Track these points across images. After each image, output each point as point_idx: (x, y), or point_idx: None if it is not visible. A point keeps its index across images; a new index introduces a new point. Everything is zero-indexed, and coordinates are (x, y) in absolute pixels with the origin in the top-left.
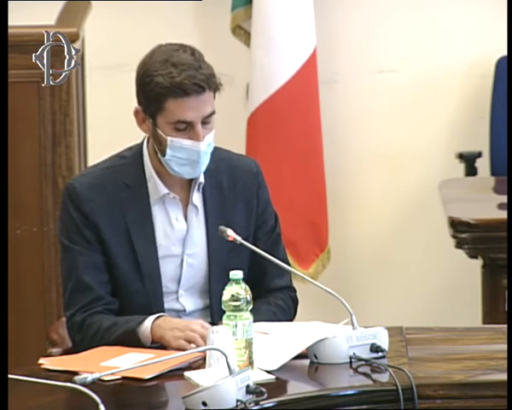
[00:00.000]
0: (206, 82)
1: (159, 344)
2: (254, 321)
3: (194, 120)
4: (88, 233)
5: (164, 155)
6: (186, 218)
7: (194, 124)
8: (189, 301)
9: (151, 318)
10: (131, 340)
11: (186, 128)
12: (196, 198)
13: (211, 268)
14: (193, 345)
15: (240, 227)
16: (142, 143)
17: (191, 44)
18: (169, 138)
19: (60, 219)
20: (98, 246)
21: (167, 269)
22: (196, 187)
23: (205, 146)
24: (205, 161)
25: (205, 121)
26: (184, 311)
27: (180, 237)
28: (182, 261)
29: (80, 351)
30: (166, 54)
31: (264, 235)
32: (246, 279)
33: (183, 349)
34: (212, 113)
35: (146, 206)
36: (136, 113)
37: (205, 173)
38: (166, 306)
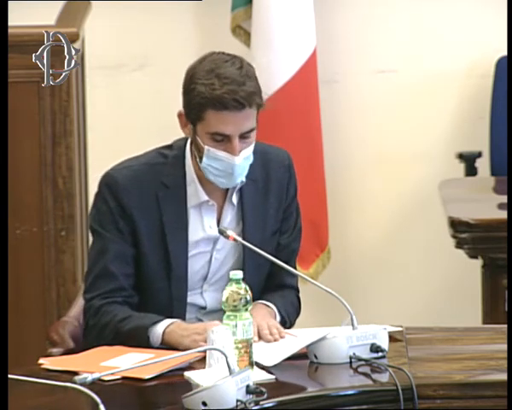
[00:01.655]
0: (247, 99)
1: (168, 346)
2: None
3: (232, 133)
4: (122, 224)
5: (201, 161)
6: (219, 222)
7: (232, 138)
8: (213, 298)
9: (165, 322)
10: (140, 337)
11: (223, 140)
12: (234, 195)
13: (245, 262)
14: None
15: (272, 220)
16: (184, 144)
17: (243, 57)
18: (206, 147)
19: (94, 206)
20: (130, 238)
21: (196, 266)
22: (236, 189)
23: (240, 160)
24: (240, 175)
25: (244, 136)
26: (205, 307)
27: (211, 239)
28: (211, 257)
29: (90, 336)
30: (214, 63)
31: (288, 229)
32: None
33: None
34: (252, 129)
35: (183, 209)
36: (180, 116)
37: None
38: (189, 300)
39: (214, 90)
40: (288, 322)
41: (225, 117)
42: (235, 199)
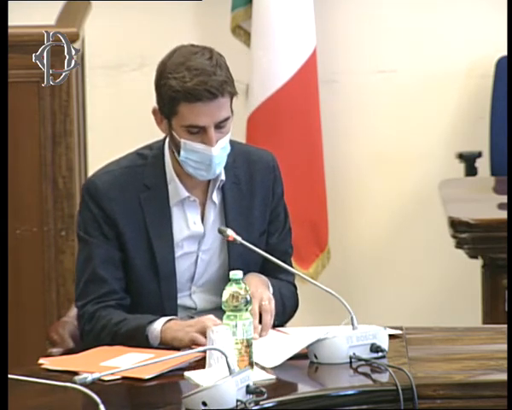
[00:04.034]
0: (218, 89)
1: (168, 346)
2: None
3: (207, 124)
4: (107, 229)
5: (179, 155)
6: (203, 219)
7: (207, 128)
8: (202, 299)
9: (162, 320)
10: (138, 338)
11: (199, 132)
12: (215, 195)
13: (231, 262)
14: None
15: (258, 221)
16: (163, 143)
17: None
18: (182, 141)
19: (79, 213)
20: (116, 243)
21: (182, 267)
22: (217, 186)
23: (218, 150)
24: (219, 165)
25: (219, 126)
26: (195, 309)
27: (196, 237)
28: (197, 258)
29: (87, 342)
30: (184, 56)
31: (276, 230)
32: (259, 269)
33: (196, 343)
34: (227, 118)
35: (165, 208)
36: (154, 112)
37: (224, 168)
38: (178, 302)
39: (185, 83)
40: (283, 304)
41: (198, 108)
42: (215, 197)
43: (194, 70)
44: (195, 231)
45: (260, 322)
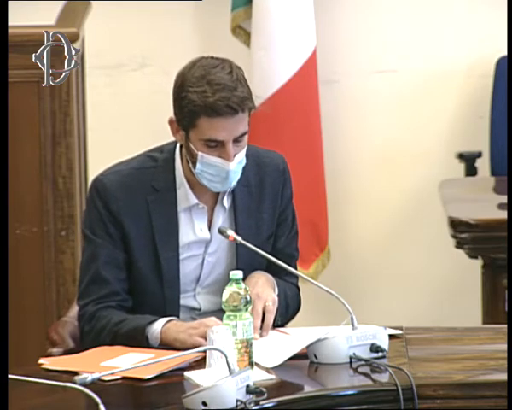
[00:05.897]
0: (240, 105)
1: (168, 347)
2: None
3: (225, 139)
4: (112, 230)
5: (194, 167)
6: (210, 227)
7: (225, 143)
8: (206, 300)
9: (162, 320)
10: (138, 338)
11: (217, 146)
12: (226, 199)
13: (239, 265)
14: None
15: (266, 224)
16: (174, 148)
17: (232, 61)
18: (199, 154)
19: (85, 211)
20: (121, 243)
21: (187, 269)
22: (228, 191)
23: (234, 165)
24: (234, 178)
25: (237, 140)
26: (199, 309)
27: (203, 242)
28: (203, 260)
29: (86, 342)
30: (204, 70)
31: (283, 233)
32: (265, 270)
33: (200, 346)
34: (245, 132)
35: (173, 213)
36: (171, 122)
37: None
38: (182, 302)
39: (207, 98)
40: (286, 305)
41: (218, 123)
42: (226, 202)
43: (215, 85)
44: (201, 238)
45: (262, 322)
